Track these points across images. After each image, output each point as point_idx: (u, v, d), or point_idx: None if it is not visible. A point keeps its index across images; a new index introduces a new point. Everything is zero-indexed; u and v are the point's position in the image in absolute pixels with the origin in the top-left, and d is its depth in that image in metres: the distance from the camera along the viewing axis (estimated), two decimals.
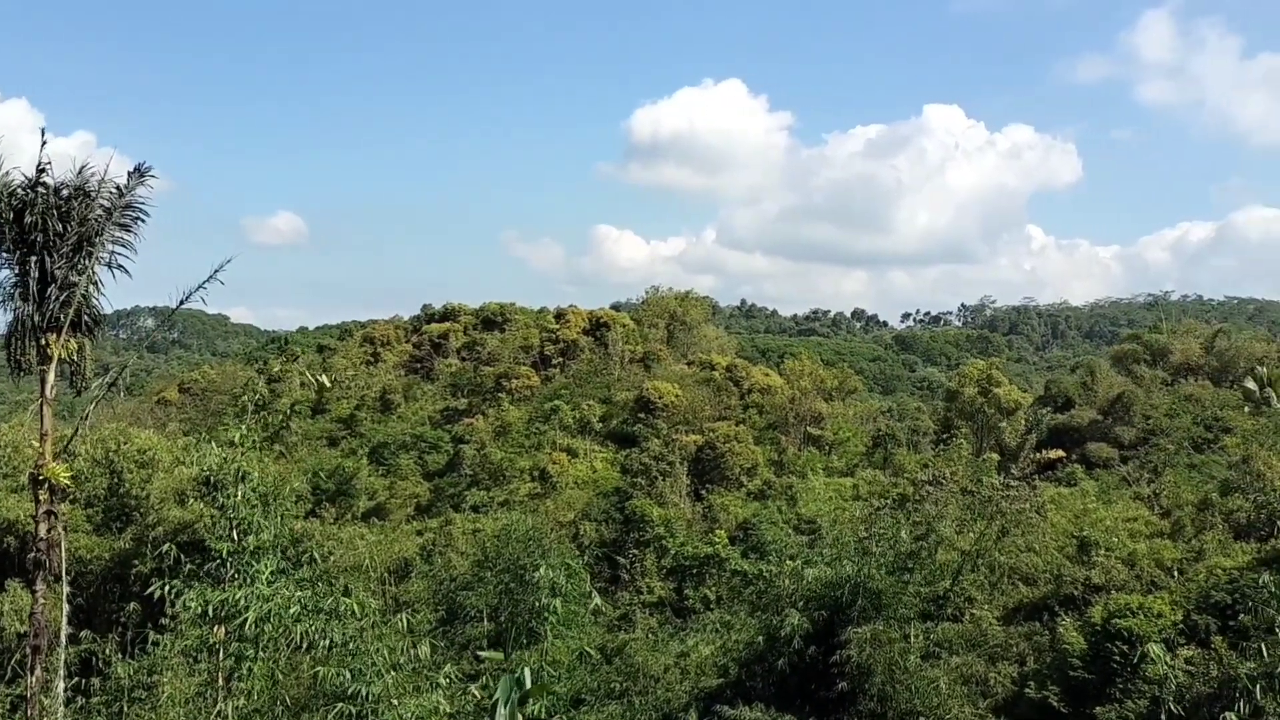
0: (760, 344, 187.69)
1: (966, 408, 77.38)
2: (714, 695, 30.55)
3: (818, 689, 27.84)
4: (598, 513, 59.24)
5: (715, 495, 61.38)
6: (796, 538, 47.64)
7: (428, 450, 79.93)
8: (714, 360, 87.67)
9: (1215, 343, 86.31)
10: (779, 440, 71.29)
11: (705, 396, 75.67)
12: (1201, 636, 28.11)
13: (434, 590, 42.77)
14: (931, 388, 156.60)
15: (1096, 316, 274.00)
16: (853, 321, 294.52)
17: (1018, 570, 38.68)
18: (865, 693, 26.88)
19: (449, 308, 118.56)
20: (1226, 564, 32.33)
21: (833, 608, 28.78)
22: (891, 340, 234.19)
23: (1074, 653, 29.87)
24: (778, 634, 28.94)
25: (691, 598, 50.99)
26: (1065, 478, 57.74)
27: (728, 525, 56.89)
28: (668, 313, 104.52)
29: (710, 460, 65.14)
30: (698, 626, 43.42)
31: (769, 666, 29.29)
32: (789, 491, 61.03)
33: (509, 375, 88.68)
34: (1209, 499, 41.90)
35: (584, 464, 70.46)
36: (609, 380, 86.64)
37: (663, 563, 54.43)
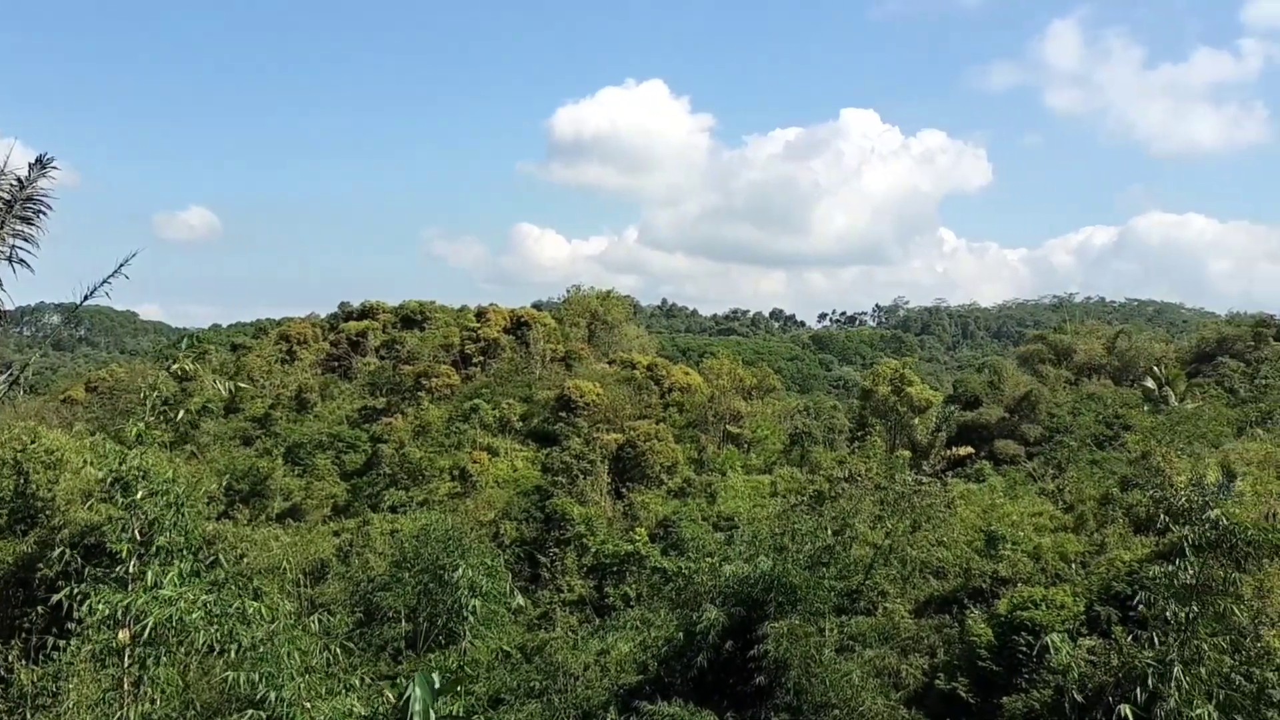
0: (681, 343, 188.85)
1: (880, 406, 78.87)
2: (633, 692, 30.68)
3: (735, 683, 28.17)
4: (518, 511, 58.97)
5: (636, 493, 61.57)
6: (715, 535, 48.12)
7: (345, 450, 78.63)
8: (635, 359, 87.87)
9: (1116, 343, 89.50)
10: (699, 438, 71.78)
11: (626, 395, 75.81)
12: (1103, 627, 29.06)
13: (351, 591, 42.21)
14: (847, 386, 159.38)
15: (1004, 317, 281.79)
16: (771, 321, 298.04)
17: (929, 564, 39.59)
18: (782, 686, 27.27)
19: (367, 305, 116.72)
20: (1126, 556, 33.47)
21: (750, 603, 29.13)
22: (809, 340, 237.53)
23: (981, 644, 30.70)
24: (696, 630, 29.21)
25: (612, 595, 51.11)
26: (974, 474, 59.29)
27: (648, 523, 57.11)
28: (589, 312, 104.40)
29: (631, 458, 65.31)
30: (618, 624, 43.52)
31: (687, 662, 29.53)
32: (708, 489, 61.53)
33: (429, 374, 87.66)
34: (1110, 494, 43.34)
35: (505, 463, 70.04)
36: (530, 379, 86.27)
37: (583, 561, 54.44)
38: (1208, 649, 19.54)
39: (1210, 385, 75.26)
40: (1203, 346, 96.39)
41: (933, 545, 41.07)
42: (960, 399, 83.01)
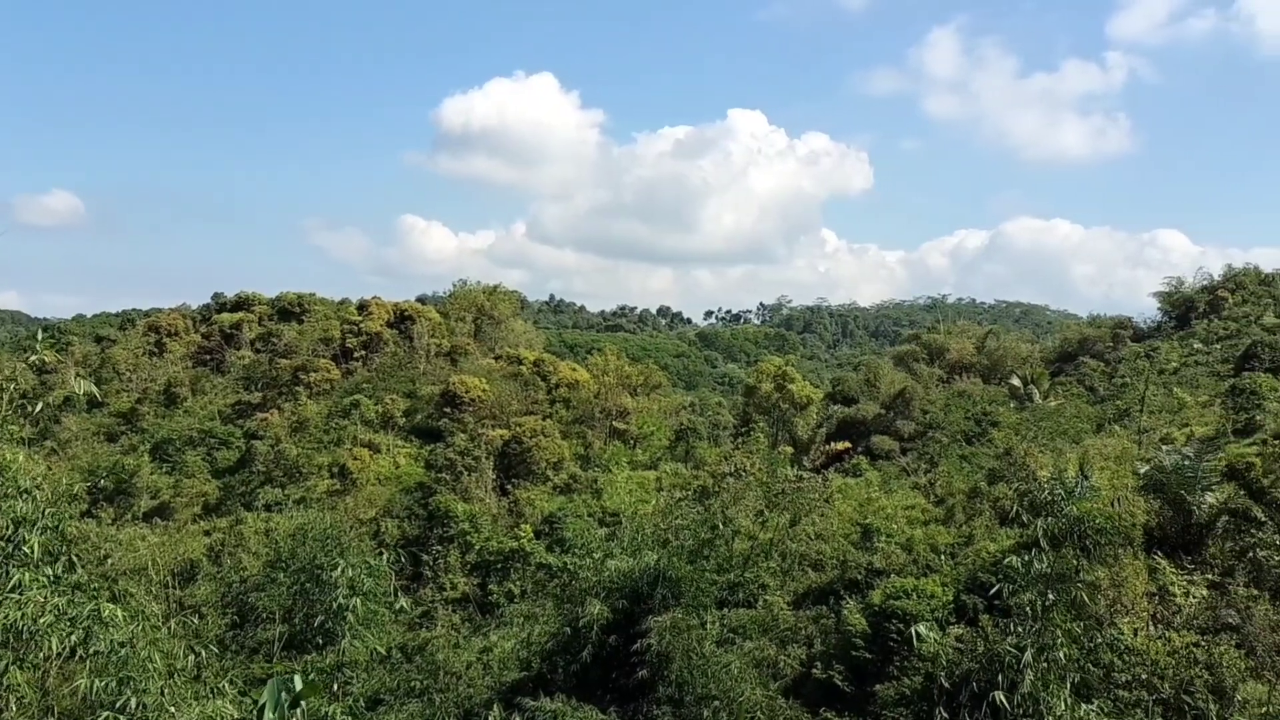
0: (568, 339, 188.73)
1: (763, 403, 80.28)
2: (516, 689, 30.60)
3: (618, 677, 28.35)
4: (400, 509, 58.13)
5: (521, 490, 61.35)
6: (601, 530, 48.32)
7: (217, 446, 76.22)
8: (522, 355, 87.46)
9: (986, 343, 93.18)
10: (585, 434, 71.90)
11: (513, 391, 75.43)
12: (970, 615, 30.29)
13: (223, 593, 40.96)
14: (731, 383, 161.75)
15: (882, 317, 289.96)
16: (658, 318, 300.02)
17: (808, 557, 40.61)
18: (664, 679, 27.58)
19: (243, 297, 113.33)
20: (992, 547, 34.92)
21: (634, 597, 29.38)
22: (695, 337, 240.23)
23: (857, 634, 31.65)
24: (580, 625, 29.31)
25: (496, 593, 50.86)
26: (851, 469, 60.93)
27: (533, 519, 56.99)
28: (475, 306, 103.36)
29: (517, 455, 65.01)
30: (501, 621, 43.38)
31: (571, 658, 29.61)
32: (594, 485, 61.75)
33: (307, 368, 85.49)
34: (978, 488, 45.14)
35: (386, 460, 68.89)
36: (414, 374, 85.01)
37: (467, 558, 54.00)
38: (1061, 635, 20.55)
39: (1072, 384, 79.03)
40: (1065, 347, 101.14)
41: (812, 539, 42.16)
42: (839, 396, 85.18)
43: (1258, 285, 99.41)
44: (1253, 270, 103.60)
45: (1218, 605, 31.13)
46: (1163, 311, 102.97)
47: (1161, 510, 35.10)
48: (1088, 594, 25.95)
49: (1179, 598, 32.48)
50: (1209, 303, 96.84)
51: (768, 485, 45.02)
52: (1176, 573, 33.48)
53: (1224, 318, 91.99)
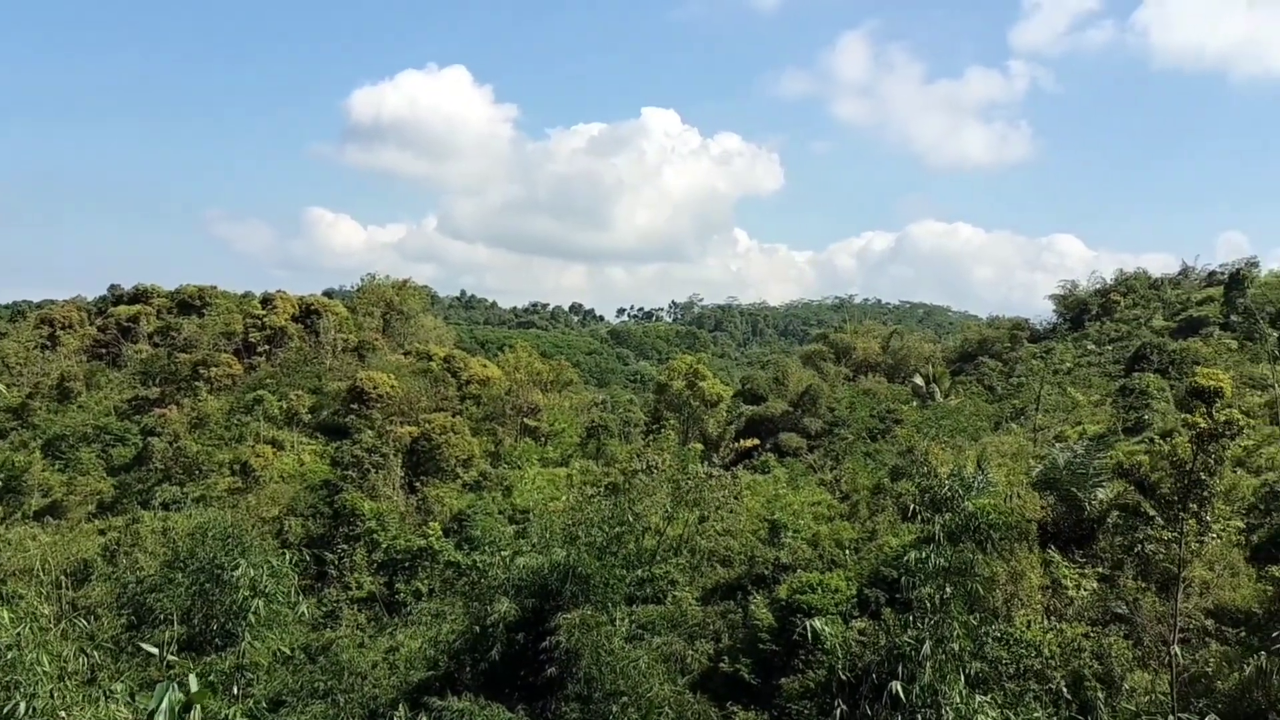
0: (479, 335, 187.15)
1: (675, 400, 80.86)
2: (423, 688, 30.33)
3: (527, 675, 28.31)
4: (304, 507, 56.99)
5: (430, 487, 60.69)
6: (511, 527, 48.12)
7: (113, 443, 73.76)
8: (432, 351, 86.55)
9: (890, 343, 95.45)
10: (496, 431, 71.50)
11: (422, 387, 74.59)
12: (873, 609, 31.05)
13: (119, 594, 39.70)
14: (643, 380, 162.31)
15: (791, 316, 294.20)
16: (571, 315, 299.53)
17: (716, 553, 41.12)
18: (573, 676, 27.63)
19: (141, 289, 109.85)
20: (894, 542, 35.84)
21: (543, 595, 29.35)
22: (607, 334, 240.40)
23: (763, 628, 32.18)
24: (487, 623, 29.19)
25: (403, 591, 50.22)
26: (760, 465, 61.80)
27: (442, 517, 56.41)
28: (384, 301, 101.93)
29: (426, 452, 64.28)
30: (409, 620, 42.91)
31: (479, 656, 29.47)
32: (504, 482, 61.42)
33: (208, 363, 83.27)
34: (881, 484, 46.23)
35: (290, 457, 67.49)
36: (320, 370, 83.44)
37: (373, 557, 53.20)
38: (958, 628, 21.14)
39: (972, 383, 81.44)
40: (966, 347, 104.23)
41: (720, 534, 42.68)
42: (748, 394, 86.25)
43: (1147, 289, 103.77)
44: (1143, 275, 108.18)
45: (1107, 597, 32.48)
46: (1058, 314, 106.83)
47: (1055, 506, 36.48)
48: (985, 587, 26.84)
49: (1071, 590, 33.79)
50: (1101, 306, 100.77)
51: (678, 482, 45.39)
52: (1069, 566, 34.83)
53: (1115, 320, 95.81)
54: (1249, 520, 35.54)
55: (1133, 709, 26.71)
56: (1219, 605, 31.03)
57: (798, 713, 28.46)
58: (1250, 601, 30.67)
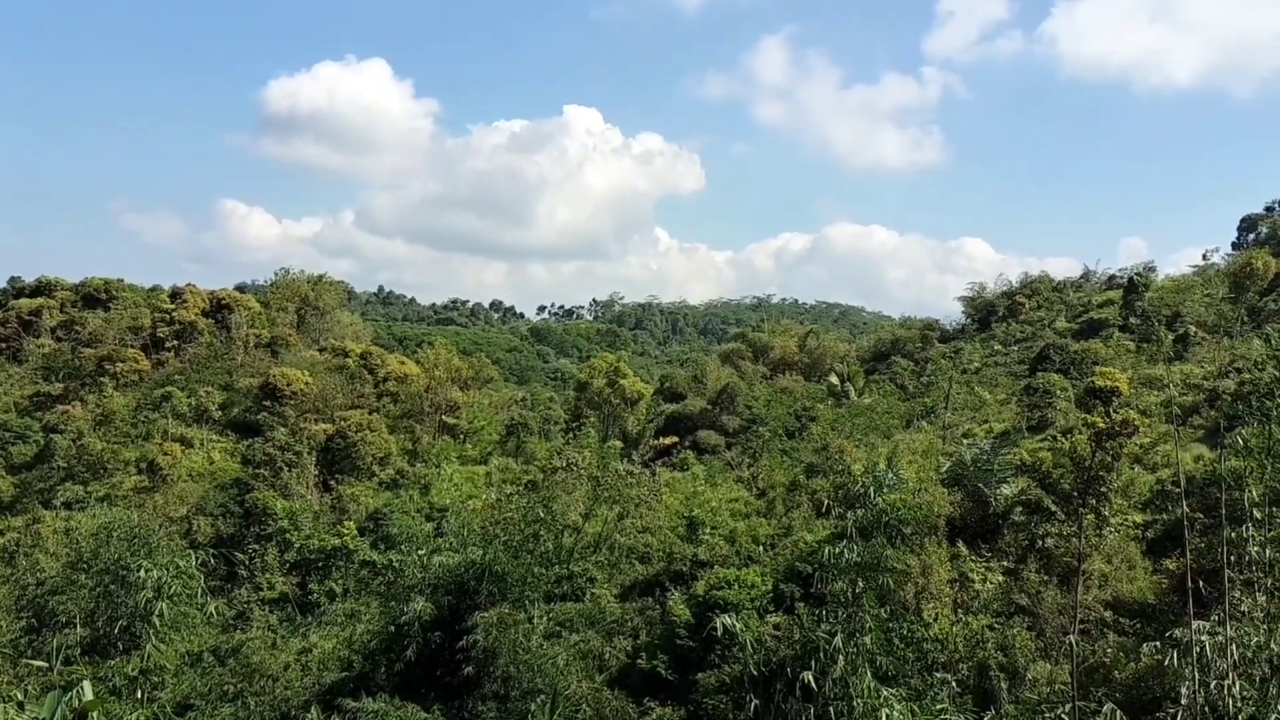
0: (397, 332, 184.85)
1: (595, 398, 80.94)
2: (337, 689, 29.96)
3: (443, 675, 28.17)
4: (214, 506, 55.65)
5: (345, 485, 59.78)
6: (428, 526, 47.72)
7: (12, 440, 71.02)
8: (348, 347, 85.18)
9: (807, 342, 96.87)
10: (414, 429, 70.72)
11: (338, 384, 73.37)
12: (788, 604, 31.57)
13: (17, 596, 38.36)
14: (563, 378, 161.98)
15: (710, 315, 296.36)
16: (491, 312, 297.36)
17: (635, 550, 41.37)
18: (490, 675, 27.59)
19: (43, 282, 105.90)
20: (809, 538, 36.47)
21: (459, 593, 29.23)
22: (527, 332, 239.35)
23: (681, 624, 32.48)
24: (403, 622, 28.96)
25: (317, 592, 49.44)
26: (679, 463, 62.28)
27: (358, 516, 55.64)
28: (299, 296, 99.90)
29: (341, 450, 63.28)
30: (322, 621, 42.31)
31: (394, 656, 29.22)
32: (422, 480, 60.82)
33: (114, 358, 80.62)
34: (797, 481, 46.97)
35: (200, 455, 65.79)
36: (231, 366, 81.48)
37: (286, 557, 52.24)
38: (870, 621, 21.66)
39: (884, 382, 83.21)
40: (879, 346, 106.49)
41: (639, 532, 42.96)
42: (668, 392, 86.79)
43: (1050, 292, 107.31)
44: (1046, 278, 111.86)
45: (1012, 590, 33.58)
46: (967, 315, 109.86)
47: (963, 502, 37.56)
48: (896, 581, 27.52)
49: (978, 584, 34.86)
50: (1008, 307, 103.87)
51: (597, 480, 45.53)
52: (976, 560, 35.92)
53: (1021, 321, 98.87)
54: (1146, 515, 37.02)
55: (1035, 698, 27.64)
56: (1117, 597, 32.30)
57: (713, 707, 28.83)
58: (1146, 593, 31.99)
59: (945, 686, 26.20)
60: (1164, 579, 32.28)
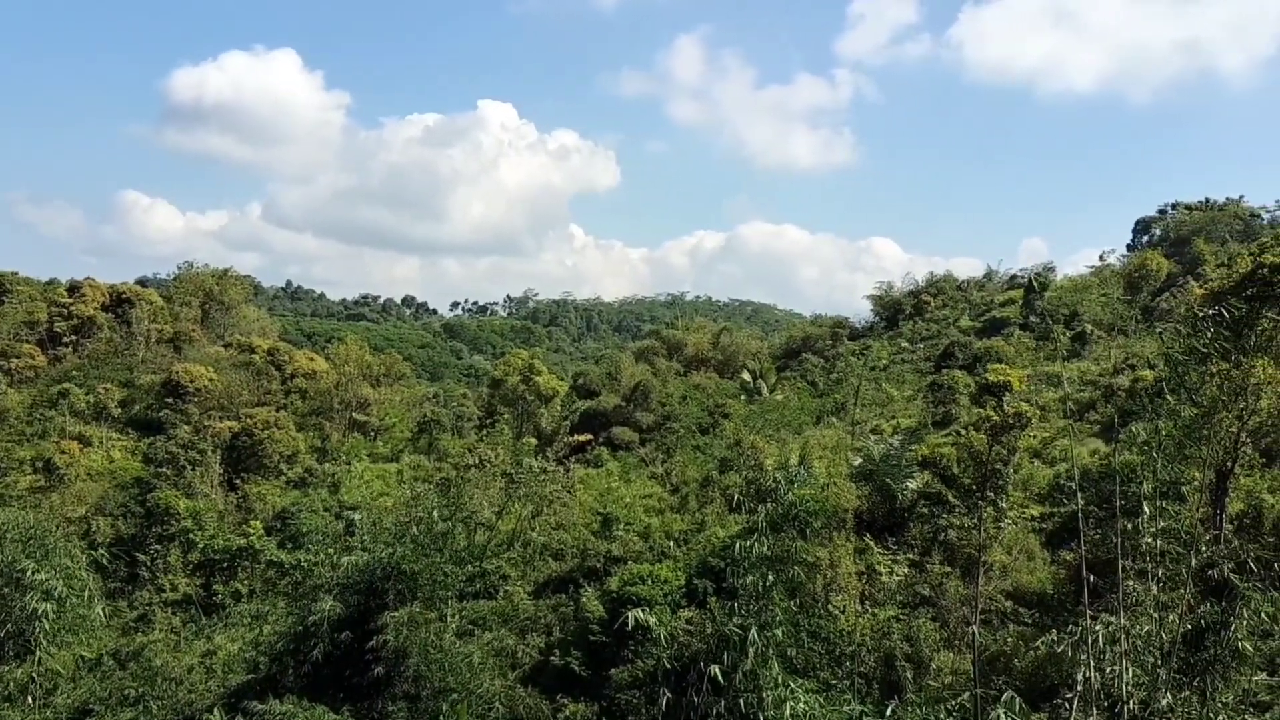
0: (306, 327, 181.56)
1: (509, 395, 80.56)
2: (243, 692, 29.36)
3: (352, 675, 27.78)
4: (115, 506, 54.00)
5: (252, 484, 58.52)
6: (338, 525, 46.99)
7: None
8: (255, 343, 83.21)
9: (720, 339, 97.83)
10: (323, 426, 69.57)
11: (244, 380, 71.70)
12: (700, 598, 31.92)
13: None
14: (477, 375, 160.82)
15: (625, 312, 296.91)
16: (403, 308, 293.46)
17: (549, 547, 41.37)
18: (401, 675, 27.31)
19: None
20: (721, 533, 36.92)
21: (368, 593, 28.87)
22: (440, 328, 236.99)
23: (594, 620, 32.62)
24: (310, 623, 28.49)
25: (222, 593, 48.31)
26: (593, 459, 62.37)
27: (264, 515, 54.52)
28: (203, 291, 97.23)
29: (247, 448, 61.88)
30: (227, 622, 41.39)
31: (303, 657, 28.72)
32: (332, 479, 59.86)
33: (8, 354, 77.52)
34: (710, 476, 47.46)
35: (99, 453, 63.65)
36: (132, 362, 78.96)
37: (189, 557, 50.95)
38: (780, 613, 22.03)
39: (796, 378, 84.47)
40: (791, 344, 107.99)
41: (553, 528, 42.97)
42: (582, 389, 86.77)
43: (955, 291, 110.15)
44: (951, 277, 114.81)
45: (916, 582, 34.45)
46: (875, 313, 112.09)
47: (870, 496, 38.39)
48: (805, 574, 28.02)
49: (884, 576, 35.68)
50: (914, 306, 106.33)
51: (511, 477, 45.39)
52: (882, 553, 36.76)
53: (927, 320, 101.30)
54: (1045, 508, 38.30)
55: (938, 687, 28.41)
56: (1017, 588, 33.36)
57: (626, 702, 29.02)
58: (1045, 584, 33.10)
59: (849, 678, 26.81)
60: (1061, 569, 33.38)
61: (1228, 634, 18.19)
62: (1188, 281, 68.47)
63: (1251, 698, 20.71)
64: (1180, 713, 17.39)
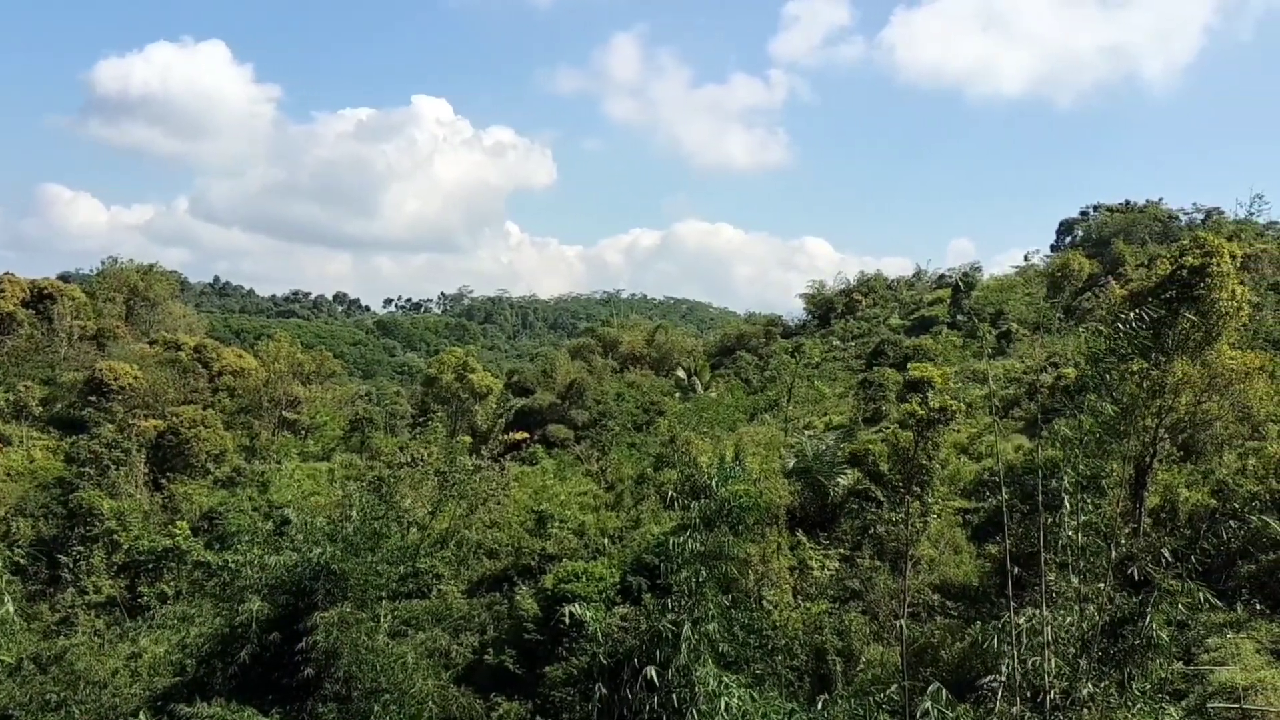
0: (235, 324, 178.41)
1: (443, 392, 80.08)
2: (169, 695, 28.81)
3: (280, 677, 27.43)
4: (35, 507, 52.56)
5: (178, 484, 57.35)
6: (267, 525, 46.29)
7: None
8: (181, 340, 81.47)
9: (655, 337, 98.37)
10: (252, 425, 68.46)
11: (170, 378, 70.17)
12: (635, 595, 32.11)
13: None
14: (411, 372, 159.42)
15: (561, 309, 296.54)
16: (335, 305, 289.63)
17: (483, 545, 41.28)
18: (331, 676, 27.02)
19: None
20: (656, 530, 37.19)
21: (298, 593, 28.51)
22: (373, 325, 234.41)
23: (529, 618, 32.67)
24: (237, 624, 28.07)
25: (147, 594, 47.29)
26: (528, 457, 62.32)
27: (191, 515, 53.48)
28: (128, 286, 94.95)
29: (173, 447, 60.61)
30: (153, 625, 40.55)
31: (230, 660, 28.27)
32: (261, 478, 58.93)
33: None
34: (645, 473, 47.72)
35: (19, 453, 61.82)
36: (54, 359, 76.87)
37: (114, 559, 49.82)
38: (713, 609, 22.28)
39: (730, 376, 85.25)
40: (725, 342, 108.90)
41: (488, 526, 42.87)
42: (517, 386, 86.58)
43: (885, 290, 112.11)
44: (881, 277, 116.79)
45: (847, 576, 35.09)
46: (808, 311, 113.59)
47: (803, 492, 38.99)
48: (738, 569, 28.36)
49: (816, 570, 36.28)
50: (846, 304, 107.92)
51: (445, 475, 45.12)
52: (814, 548, 37.39)
53: (858, 318, 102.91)
54: (971, 502, 39.25)
55: (867, 679, 28.97)
56: (944, 581, 34.15)
57: (561, 700, 29.09)
58: (971, 577, 33.92)
59: (782, 672, 27.21)
60: (987, 563, 34.22)
61: (1144, 625, 18.80)
62: (1109, 281, 70.48)
63: (1168, 686, 21.47)
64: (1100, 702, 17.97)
